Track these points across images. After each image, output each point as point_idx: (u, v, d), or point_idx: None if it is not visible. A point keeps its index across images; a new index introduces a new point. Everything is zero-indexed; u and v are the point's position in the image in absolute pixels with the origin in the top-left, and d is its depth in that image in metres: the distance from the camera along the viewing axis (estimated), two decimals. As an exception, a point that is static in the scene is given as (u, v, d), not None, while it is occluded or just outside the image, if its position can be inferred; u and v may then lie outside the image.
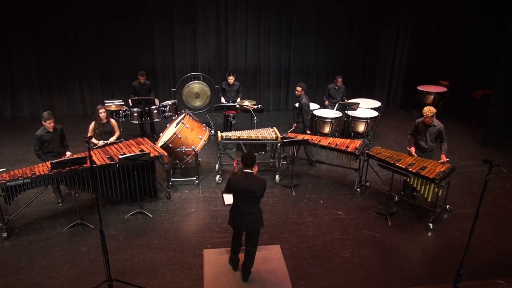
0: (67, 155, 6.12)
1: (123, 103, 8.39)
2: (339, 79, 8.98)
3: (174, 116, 8.26)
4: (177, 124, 7.08)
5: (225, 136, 6.98)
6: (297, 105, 7.81)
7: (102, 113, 6.51)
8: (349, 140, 7.00)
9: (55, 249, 5.34)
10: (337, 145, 6.77)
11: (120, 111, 8.06)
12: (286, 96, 11.03)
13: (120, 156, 5.68)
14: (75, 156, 5.84)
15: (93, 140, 6.53)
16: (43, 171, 5.56)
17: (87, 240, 5.52)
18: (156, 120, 8.30)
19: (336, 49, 10.76)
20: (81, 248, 5.35)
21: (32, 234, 5.64)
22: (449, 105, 10.47)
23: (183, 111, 7.56)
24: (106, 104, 8.18)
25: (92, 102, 10.14)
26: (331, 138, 7.13)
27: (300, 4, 10.16)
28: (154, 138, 8.60)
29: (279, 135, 7.00)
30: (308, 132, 7.41)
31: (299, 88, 7.39)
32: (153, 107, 8.18)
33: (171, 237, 5.61)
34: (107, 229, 5.76)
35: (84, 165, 5.75)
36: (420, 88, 10.58)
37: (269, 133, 7.10)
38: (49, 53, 9.62)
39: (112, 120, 6.74)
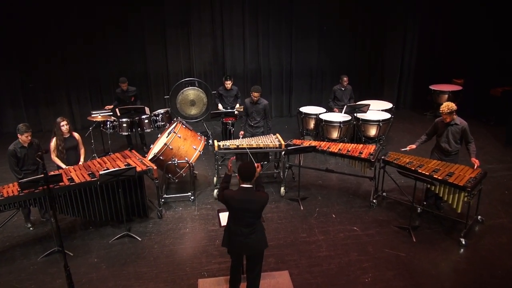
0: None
1: (111, 113, 7.68)
2: (345, 78, 8.25)
3: (167, 126, 7.54)
4: (169, 134, 6.35)
5: (223, 145, 6.24)
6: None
7: (64, 126, 5.71)
8: (361, 145, 6.23)
9: (26, 283, 4.57)
10: (349, 151, 6.00)
11: (108, 122, 7.34)
12: (289, 100, 10.30)
13: (101, 172, 4.94)
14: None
15: (55, 159, 5.69)
16: (12, 192, 4.83)
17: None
18: (147, 130, 7.58)
19: (341, 49, 10.05)
20: (56, 281, 4.59)
21: (1, 265, 4.89)
22: (466, 104, 9.68)
23: (175, 119, 6.84)
24: (92, 115, 7.48)
25: (82, 114, 9.48)
26: (341, 143, 6.36)
27: (299, 3, 9.49)
28: (144, 151, 7.89)
29: (282, 142, 6.25)
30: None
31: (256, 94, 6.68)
32: (143, 116, 7.47)
33: (162, 264, 4.83)
34: (89, 256, 5.00)
35: (61, 184, 5.02)
36: (432, 87, 9.82)
37: (271, 141, 6.35)
38: (34, 63, 8.98)
39: (76, 134, 5.94)
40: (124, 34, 9.09)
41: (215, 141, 6.34)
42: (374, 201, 5.98)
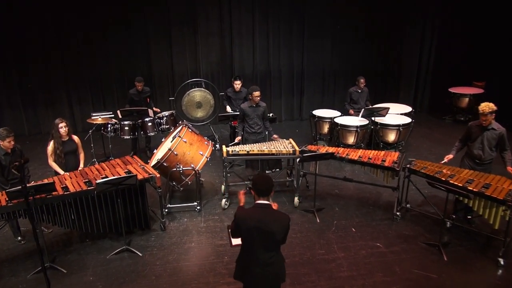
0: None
1: (113, 115, 7.21)
2: (362, 80, 7.74)
3: (172, 129, 7.06)
4: (173, 138, 5.87)
5: (232, 151, 5.73)
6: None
7: (63, 129, 5.22)
8: (383, 152, 5.71)
9: (13, 305, 4.09)
10: (370, 158, 5.47)
11: (109, 125, 6.87)
12: (300, 103, 9.80)
13: (98, 181, 4.45)
14: (39, 182, 4.63)
15: (53, 164, 5.23)
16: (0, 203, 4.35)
17: (56, 291, 4.27)
18: (151, 134, 7.09)
19: (355, 50, 9.55)
20: (46, 303, 4.09)
21: (-13, 283, 4.41)
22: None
23: (180, 122, 6.36)
24: (92, 117, 7.02)
25: (82, 116, 9.04)
26: (361, 150, 5.84)
27: (312, 1, 9.01)
28: (148, 155, 7.42)
29: (297, 148, 5.74)
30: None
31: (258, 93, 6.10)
32: (147, 119, 6.99)
33: (165, 284, 4.33)
34: (84, 274, 4.51)
35: (54, 193, 4.54)
36: (452, 90, 9.29)
37: (284, 146, 5.84)
38: (32, 63, 8.56)
39: (75, 137, 5.46)
40: (127, 33, 8.66)
41: (224, 146, 5.84)
42: (398, 213, 5.45)
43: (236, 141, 6.17)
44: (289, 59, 9.38)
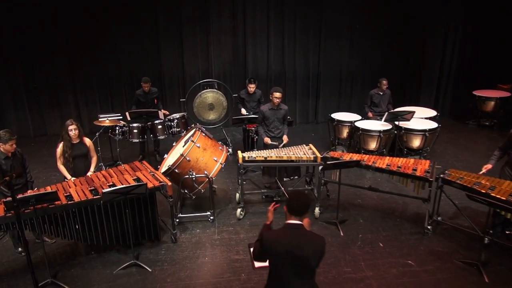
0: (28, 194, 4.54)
1: (121, 117, 6.85)
2: (384, 82, 7.29)
3: (183, 132, 6.69)
4: (186, 142, 5.48)
5: (248, 157, 5.33)
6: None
7: (73, 131, 4.87)
8: (412, 160, 5.27)
9: (10, 327, 3.72)
10: (399, 167, 5.03)
11: (116, 127, 6.50)
12: (315, 106, 9.37)
13: (104, 190, 4.06)
14: (41, 190, 4.26)
15: (61, 167, 4.91)
16: (-3, 213, 3.99)
17: (57, 310, 3.89)
18: (161, 137, 6.71)
19: (374, 50, 9.11)
20: (47, 325, 3.71)
21: (-17, 300, 4.05)
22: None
23: (193, 125, 5.97)
24: (100, 119, 6.66)
25: (90, 117, 8.69)
26: (388, 157, 5.39)
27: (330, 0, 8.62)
28: (157, 160, 7.05)
29: (318, 154, 5.32)
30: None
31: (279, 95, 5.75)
32: (157, 121, 6.61)
33: (176, 305, 3.94)
34: (88, 291, 4.12)
35: (57, 202, 4.16)
36: (477, 93, 8.80)
37: (304, 152, 5.43)
38: (38, 62, 8.23)
39: (87, 140, 5.12)
40: (137, 33, 8.29)
41: (239, 152, 5.44)
42: (429, 227, 5.00)
43: (266, 141, 5.81)
44: (304, 59, 8.96)
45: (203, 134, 5.39)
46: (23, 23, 7.89)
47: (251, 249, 3.43)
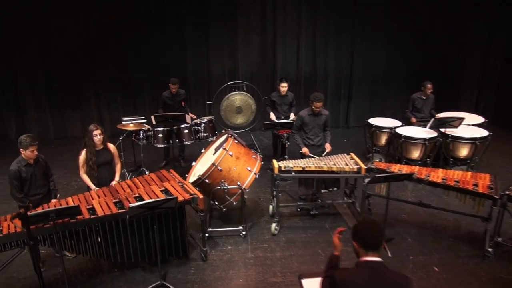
0: (52, 204, 4.18)
1: (145, 120, 6.46)
2: (429, 86, 6.71)
3: (211, 137, 6.25)
4: (216, 150, 5.03)
5: (285, 167, 4.86)
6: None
7: (98, 137, 4.49)
8: (469, 173, 4.70)
9: None
10: (457, 181, 4.47)
11: (141, 132, 6.10)
12: (346, 109, 8.87)
13: (131, 205, 3.64)
14: (61, 203, 3.88)
15: (84, 177, 4.53)
16: (14, 228, 3.60)
17: None
18: (187, 142, 6.28)
19: (412, 51, 8.56)
20: None
21: (-2, 323, 3.68)
22: None
23: (223, 131, 5.53)
24: (123, 122, 6.28)
25: (111, 120, 8.37)
26: (441, 170, 4.83)
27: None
28: (182, 166, 6.65)
29: (362, 165, 4.81)
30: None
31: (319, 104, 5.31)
32: (183, 125, 6.18)
33: (210, 336, 3.48)
34: (111, 316, 3.71)
35: (79, 217, 3.76)
36: (525, 98, 8.13)
37: (347, 162, 4.93)
38: (60, 64, 7.96)
39: (111, 146, 4.73)
40: (161, 32, 7.97)
41: (274, 161, 4.97)
42: (490, 249, 4.43)
43: (304, 152, 5.32)
44: (337, 60, 8.48)
45: (236, 141, 4.94)
46: (46, 20, 7.62)
47: (300, 278, 2.92)
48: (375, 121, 6.79)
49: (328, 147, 5.38)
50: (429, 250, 4.61)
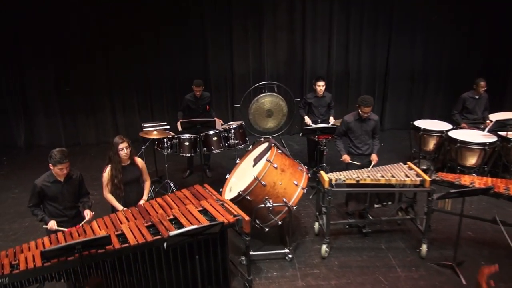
0: (85, 215, 3.64)
1: (168, 126, 5.84)
2: (482, 83, 6.01)
3: (241, 145, 5.63)
4: (256, 161, 4.41)
5: (336, 180, 4.22)
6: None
7: (124, 151, 3.87)
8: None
9: None
10: (546, 197, 3.82)
11: (165, 140, 5.48)
12: (381, 110, 8.16)
13: (171, 233, 3.02)
14: (86, 229, 3.27)
15: (108, 197, 3.94)
16: (33, 263, 3.00)
17: None
18: (216, 151, 5.62)
19: (453, 47, 7.85)
20: None
21: None
22: None
23: (262, 139, 4.89)
24: (144, 130, 5.67)
25: (127, 125, 7.81)
26: (521, 181, 4.18)
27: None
28: (207, 176, 6.07)
29: (426, 177, 4.16)
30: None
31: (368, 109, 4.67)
32: (211, 132, 5.54)
33: None
34: None
35: (108, 247, 3.15)
36: None
37: (407, 174, 4.28)
38: (71, 65, 7.37)
39: (139, 161, 4.12)
40: (181, 31, 7.35)
41: (322, 172, 4.34)
42: None
43: (344, 159, 4.75)
44: (371, 57, 7.82)
45: (279, 151, 4.31)
46: (57, 19, 7.04)
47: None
48: (423, 123, 6.12)
49: (374, 158, 4.74)
50: (508, 275, 3.95)
